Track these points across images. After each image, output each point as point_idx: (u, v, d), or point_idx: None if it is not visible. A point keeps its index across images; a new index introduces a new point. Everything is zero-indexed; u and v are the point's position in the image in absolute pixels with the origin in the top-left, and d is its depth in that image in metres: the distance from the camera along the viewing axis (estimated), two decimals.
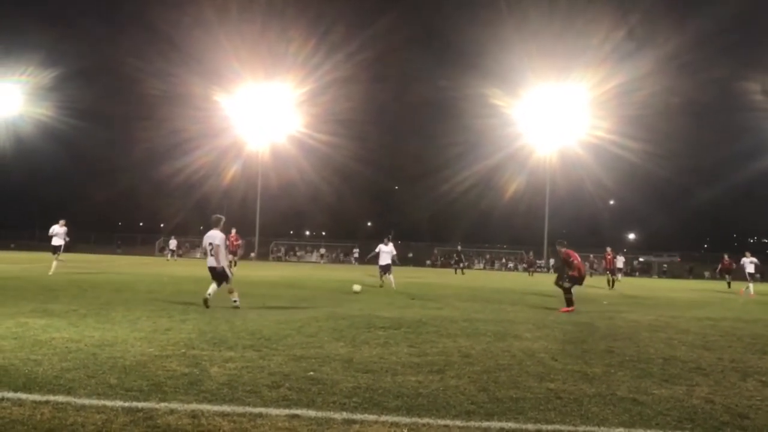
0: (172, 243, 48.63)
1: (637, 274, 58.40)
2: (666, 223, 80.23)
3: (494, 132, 64.59)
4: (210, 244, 12.08)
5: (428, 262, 65.69)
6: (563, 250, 15.13)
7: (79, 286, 16.13)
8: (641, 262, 66.10)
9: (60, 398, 4.97)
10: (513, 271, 60.90)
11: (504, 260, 67.16)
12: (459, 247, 49.64)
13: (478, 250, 69.86)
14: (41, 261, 29.38)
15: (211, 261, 12.09)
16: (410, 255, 64.10)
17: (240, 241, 30.36)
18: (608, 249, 29.51)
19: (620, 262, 41.75)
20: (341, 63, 65.76)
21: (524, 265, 58.51)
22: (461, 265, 44.14)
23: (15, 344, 7.11)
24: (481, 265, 65.62)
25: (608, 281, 28.16)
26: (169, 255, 47.68)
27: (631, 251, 67.58)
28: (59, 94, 63.27)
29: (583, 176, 67.01)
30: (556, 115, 58.39)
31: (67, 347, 7.05)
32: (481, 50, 72.42)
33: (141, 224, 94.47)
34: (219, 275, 11.99)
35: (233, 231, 29.50)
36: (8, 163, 64.78)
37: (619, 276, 40.14)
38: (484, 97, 61.96)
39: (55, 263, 20.98)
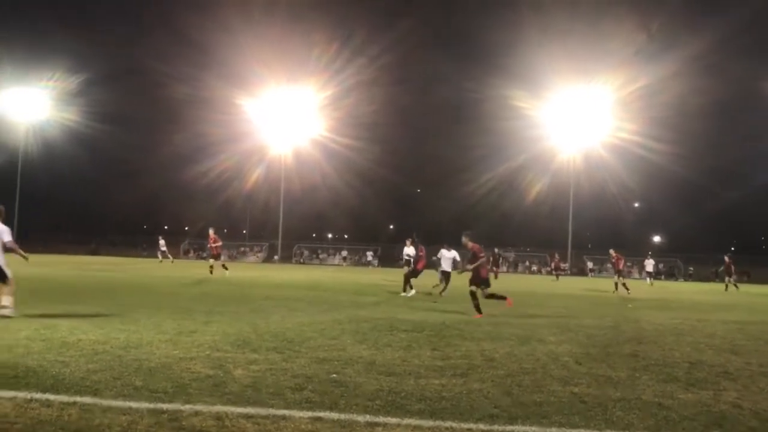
0: (161, 243, 42.35)
1: (662, 277, 57.64)
2: (691, 226, 79.01)
3: (518, 134, 64.19)
4: None
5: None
6: (471, 243, 12.81)
7: (105, 289, 16.36)
8: (668, 265, 65.18)
9: (87, 399, 5.04)
10: (537, 274, 60.43)
11: (528, 263, 66.70)
12: (496, 250, 49.32)
13: (502, 252, 69.37)
14: (69, 263, 29.85)
15: None
16: (434, 258, 63.75)
17: (219, 243, 26.28)
18: (611, 251, 28.34)
19: (650, 265, 41.39)
20: (364, 66, 65.93)
21: (548, 268, 57.99)
22: (496, 268, 43.98)
23: (43, 346, 7.23)
24: (504, 268, 65.21)
25: (615, 284, 26.97)
26: (161, 256, 42.28)
27: (656, 254, 66.76)
28: (85, 98, 64.66)
29: (608, 178, 66.32)
30: (580, 116, 57.88)
31: (93, 349, 7.15)
32: (505, 52, 71.83)
33: (165, 227, 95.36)
34: None
35: (211, 231, 26.24)
36: (36, 167, 65.86)
37: (650, 280, 39.72)
38: (508, 98, 61.59)
39: None
